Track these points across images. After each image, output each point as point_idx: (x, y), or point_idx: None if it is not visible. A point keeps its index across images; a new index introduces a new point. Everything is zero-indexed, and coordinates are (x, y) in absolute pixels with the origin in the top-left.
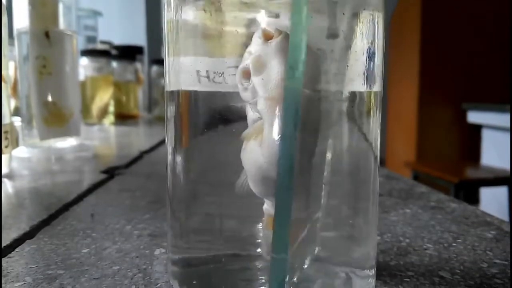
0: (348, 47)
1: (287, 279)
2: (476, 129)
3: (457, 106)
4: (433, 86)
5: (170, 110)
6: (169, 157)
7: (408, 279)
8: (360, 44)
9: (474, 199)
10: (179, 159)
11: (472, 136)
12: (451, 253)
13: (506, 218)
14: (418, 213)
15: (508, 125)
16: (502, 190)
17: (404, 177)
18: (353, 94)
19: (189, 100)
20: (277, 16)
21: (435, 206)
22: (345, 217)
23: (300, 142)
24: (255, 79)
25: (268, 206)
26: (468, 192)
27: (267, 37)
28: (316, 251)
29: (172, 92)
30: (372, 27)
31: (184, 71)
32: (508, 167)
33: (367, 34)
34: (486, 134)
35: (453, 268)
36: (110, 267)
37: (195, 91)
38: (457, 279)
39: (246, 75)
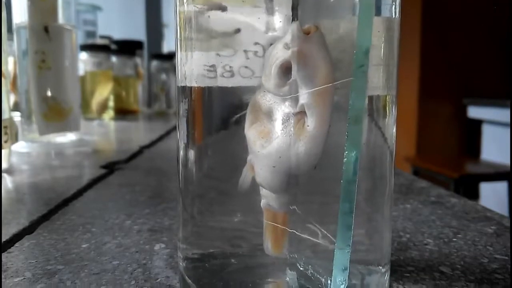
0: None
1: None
2: (476, 124)
3: (457, 101)
4: (433, 81)
5: (182, 106)
6: (181, 153)
7: (408, 274)
8: (378, 54)
9: (474, 194)
10: (191, 155)
11: (472, 131)
12: (452, 248)
13: (506, 213)
14: (419, 208)
15: (508, 120)
16: (502, 185)
17: (405, 172)
18: (371, 96)
19: (203, 96)
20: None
21: (435, 201)
22: (361, 213)
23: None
24: (300, 73)
25: (269, 201)
26: (468, 187)
27: (305, 31)
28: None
29: (184, 88)
30: (390, 39)
31: (197, 66)
32: (508, 162)
33: (384, 45)
34: (486, 129)
35: (453, 263)
36: (110, 262)
37: (209, 87)
38: (458, 274)
39: (286, 69)
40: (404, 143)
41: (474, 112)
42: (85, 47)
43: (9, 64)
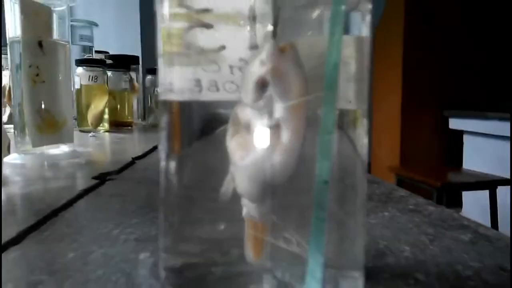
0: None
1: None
2: (458, 135)
3: (439, 113)
4: (416, 94)
5: (164, 118)
6: (162, 164)
7: (383, 281)
8: (348, 70)
9: (457, 203)
10: (171, 165)
11: (454, 142)
12: (427, 256)
13: (488, 220)
14: (397, 216)
15: (488, 131)
16: (484, 194)
17: (385, 182)
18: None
19: (182, 109)
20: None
21: (413, 209)
22: (332, 220)
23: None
24: (275, 89)
25: (250, 211)
26: (451, 196)
27: (280, 48)
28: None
29: (165, 101)
30: (360, 53)
31: (182, 80)
32: (488, 171)
33: (354, 61)
34: (467, 140)
35: (428, 270)
36: (94, 271)
37: (188, 100)
38: (432, 281)
39: (262, 84)
40: (388, 154)
41: (455, 123)
42: (81, 62)
43: (5, 78)
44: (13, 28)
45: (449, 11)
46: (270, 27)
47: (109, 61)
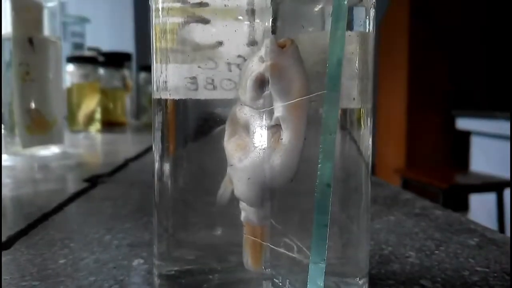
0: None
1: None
2: (465, 136)
3: (446, 113)
4: (422, 93)
5: (158, 118)
6: (156, 165)
7: None
8: (352, 67)
9: (464, 206)
10: (166, 167)
11: (461, 143)
12: (433, 261)
13: (495, 224)
14: (402, 220)
15: (497, 131)
16: (491, 197)
17: (390, 184)
18: (345, 109)
19: (177, 108)
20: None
21: (419, 213)
22: (336, 225)
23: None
24: (274, 87)
25: (249, 215)
26: (458, 199)
27: (280, 44)
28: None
29: (159, 100)
30: (364, 50)
31: (177, 78)
32: (496, 173)
33: (358, 58)
34: (475, 141)
35: (434, 276)
36: (86, 278)
37: (184, 99)
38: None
39: (261, 82)
40: (393, 155)
41: (463, 123)
42: (72, 59)
43: None
44: (4, 25)
45: (454, 9)
46: (269, 22)
47: (101, 58)
